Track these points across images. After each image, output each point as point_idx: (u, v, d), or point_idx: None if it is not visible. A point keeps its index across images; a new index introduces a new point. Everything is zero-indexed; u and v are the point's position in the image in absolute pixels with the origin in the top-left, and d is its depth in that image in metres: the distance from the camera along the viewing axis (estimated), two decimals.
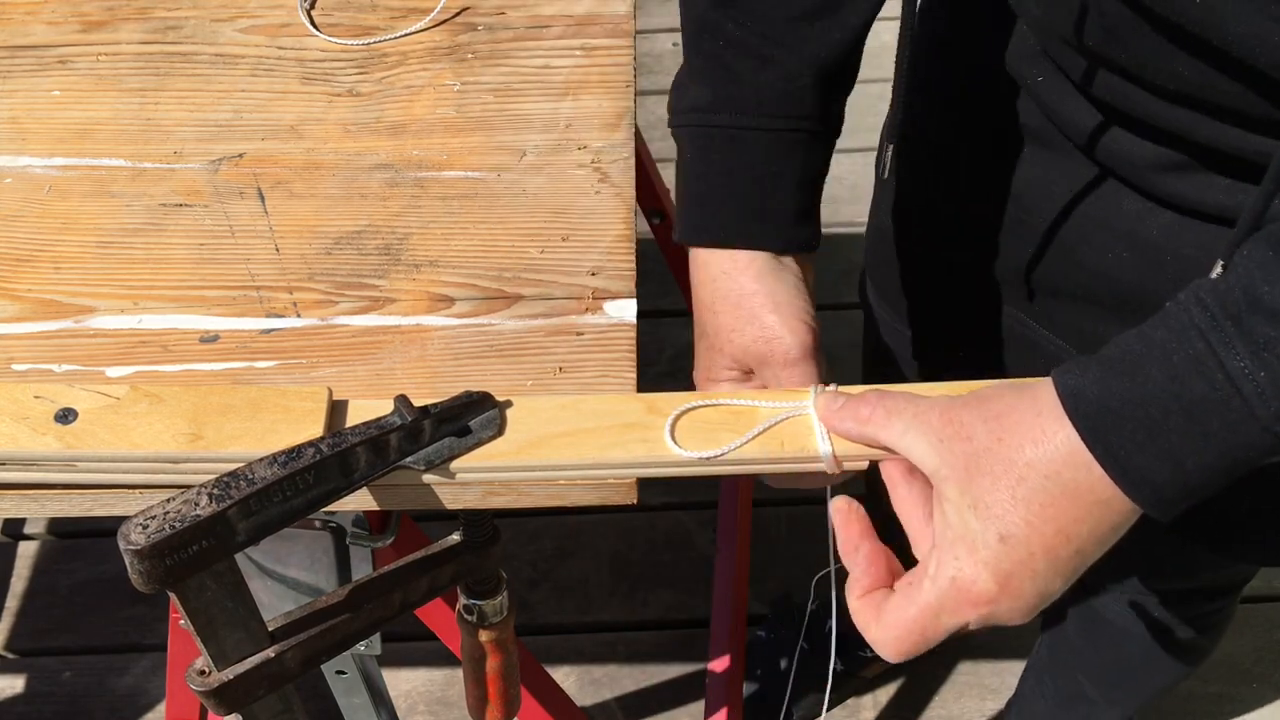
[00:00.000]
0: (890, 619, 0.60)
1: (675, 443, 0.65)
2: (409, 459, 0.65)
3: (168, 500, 0.57)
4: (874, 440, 0.63)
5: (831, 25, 0.75)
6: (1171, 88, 0.68)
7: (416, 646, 1.67)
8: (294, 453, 0.60)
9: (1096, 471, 0.56)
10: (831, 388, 0.67)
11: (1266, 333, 0.51)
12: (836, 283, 1.89)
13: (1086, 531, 0.56)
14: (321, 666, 0.75)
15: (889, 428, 0.62)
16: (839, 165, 2.02)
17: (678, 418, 0.67)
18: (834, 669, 1.64)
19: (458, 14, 0.98)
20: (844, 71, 0.77)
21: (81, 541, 1.85)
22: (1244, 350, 0.52)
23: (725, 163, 0.76)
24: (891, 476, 0.64)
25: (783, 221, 0.76)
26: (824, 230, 0.79)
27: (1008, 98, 0.83)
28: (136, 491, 0.68)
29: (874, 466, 0.66)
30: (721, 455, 0.65)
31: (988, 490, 0.56)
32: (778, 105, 0.75)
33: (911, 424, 0.60)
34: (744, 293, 0.74)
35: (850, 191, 2.22)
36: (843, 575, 0.64)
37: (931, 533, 0.60)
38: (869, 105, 2.24)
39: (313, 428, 0.66)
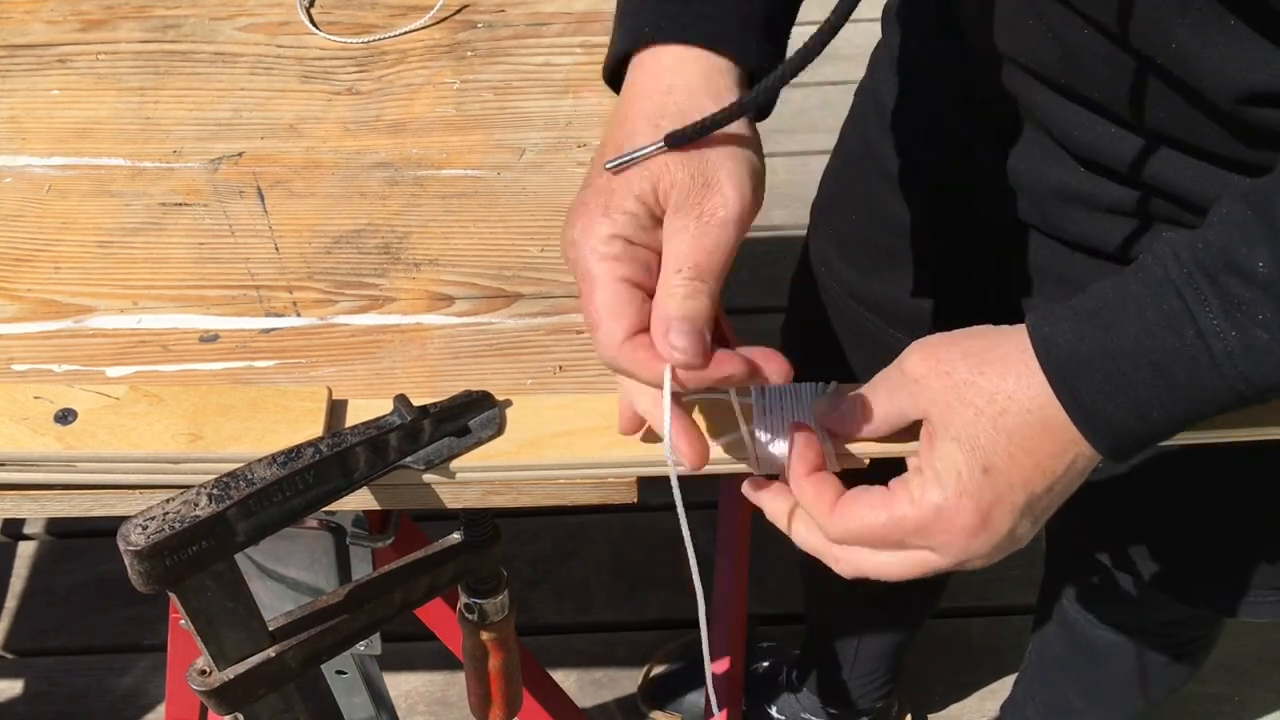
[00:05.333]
0: (850, 514, 0.59)
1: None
2: (409, 459, 0.65)
3: (167, 501, 0.57)
4: (870, 425, 0.62)
5: None
6: (1099, 98, 0.67)
7: (416, 646, 1.66)
8: (293, 453, 0.60)
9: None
10: (831, 386, 0.67)
11: (1240, 293, 0.52)
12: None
13: (1061, 469, 0.57)
14: (321, 666, 0.75)
15: (876, 403, 0.61)
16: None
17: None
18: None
19: (457, 11, 0.98)
20: None
21: (81, 541, 1.85)
22: (1217, 308, 0.52)
23: None
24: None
25: (761, 39, 0.63)
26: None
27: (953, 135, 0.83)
28: (136, 492, 0.68)
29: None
30: (720, 448, 0.65)
31: (971, 422, 0.57)
32: None
33: (889, 383, 0.61)
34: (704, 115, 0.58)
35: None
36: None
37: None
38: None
39: (312, 428, 0.66)
